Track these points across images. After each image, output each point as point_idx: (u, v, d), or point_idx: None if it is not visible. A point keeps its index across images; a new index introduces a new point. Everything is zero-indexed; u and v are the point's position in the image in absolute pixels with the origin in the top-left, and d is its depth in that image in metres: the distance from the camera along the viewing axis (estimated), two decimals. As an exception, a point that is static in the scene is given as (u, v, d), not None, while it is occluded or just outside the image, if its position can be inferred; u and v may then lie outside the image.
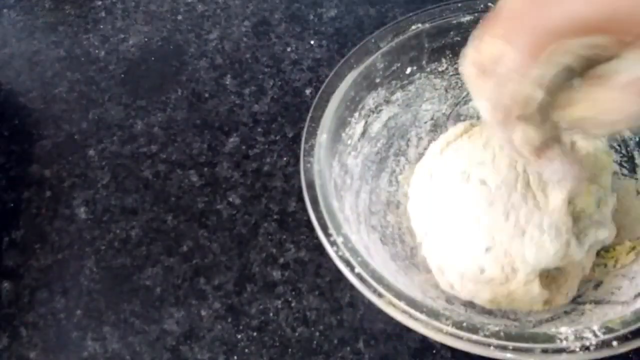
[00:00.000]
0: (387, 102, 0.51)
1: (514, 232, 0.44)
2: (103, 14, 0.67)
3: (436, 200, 0.48)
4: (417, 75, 0.51)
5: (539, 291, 0.43)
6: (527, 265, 0.43)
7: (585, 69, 0.27)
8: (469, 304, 0.45)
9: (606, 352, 0.35)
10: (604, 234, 0.45)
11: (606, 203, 0.47)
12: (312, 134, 0.45)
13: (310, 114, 0.46)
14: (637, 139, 0.50)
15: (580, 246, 0.44)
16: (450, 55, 0.51)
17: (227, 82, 0.61)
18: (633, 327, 0.35)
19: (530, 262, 0.43)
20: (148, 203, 0.54)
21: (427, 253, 0.47)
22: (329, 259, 0.40)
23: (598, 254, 0.46)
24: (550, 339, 0.35)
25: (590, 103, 0.27)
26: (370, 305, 0.45)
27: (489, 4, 0.49)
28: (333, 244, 0.40)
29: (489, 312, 0.44)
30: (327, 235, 0.40)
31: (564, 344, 0.35)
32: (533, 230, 0.43)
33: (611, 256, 0.46)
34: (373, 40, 0.49)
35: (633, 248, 0.46)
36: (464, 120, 0.53)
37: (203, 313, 0.48)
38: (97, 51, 0.64)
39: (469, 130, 0.52)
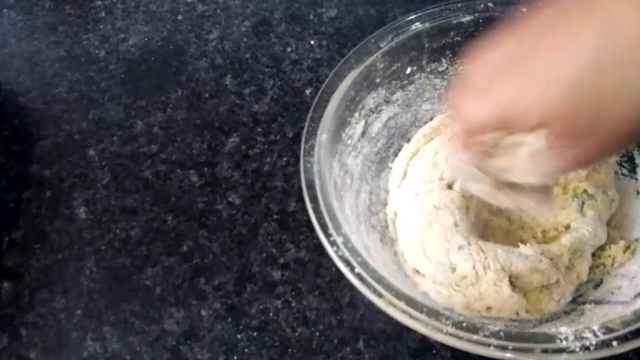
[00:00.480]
0: (387, 102, 0.51)
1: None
2: (103, 14, 0.67)
3: (411, 201, 0.48)
4: (417, 75, 0.51)
5: (509, 294, 0.43)
6: (497, 262, 0.43)
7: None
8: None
9: (606, 352, 0.35)
10: (592, 238, 0.46)
11: (593, 206, 0.46)
12: (312, 134, 0.45)
13: (310, 114, 0.46)
14: (637, 139, 0.50)
15: (557, 268, 0.44)
16: (450, 55, 0.51)
17: (227, 82, 0.61)
18: (633, 327, 0.35)
19: (501, 260, 0.43)
20: (148, 203, 0.54)
21: (403, 250, 0.47)
22: (329, 259, 0.40)
23: (594, 255, 0.46)
24: (550, 339, 0.35)
25: (506, 161, 0.35)
26: (370, 305, 0.45)
27: (489, 4, 0.50)
28: (333, 244, 0.40)
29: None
30: (327, 235, 0.40)
31: (564, 344, 0.35)
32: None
33: (607, 255, 0.46)
34: (373, 40, 0.49)
35: (628, 247, 0.46)
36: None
37: (203, 313, 0.48)
38: (97, 51, 0.64)
39: (447, 126, 0.52)
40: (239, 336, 0.47)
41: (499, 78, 0.32)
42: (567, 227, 0.47)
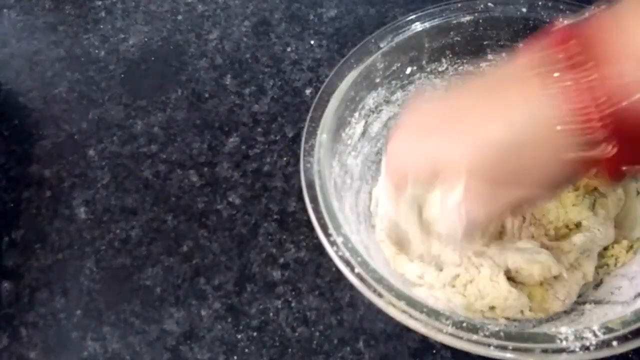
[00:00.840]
0: (387, 102, 0.51)
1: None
2: (103, 14, 0.67)
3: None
4: (417, 75, 0.51)
5: (508, 289, 0.42)
6: (488, 259, 0.43)
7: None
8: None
9: (606, 352, 0.35)
10: (602, 239, 0.45)
11: (604, 204, 0.46)
12: (312, 134, 0.45)
13: (310, 114, 0.46)
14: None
15: (560, 263, 0.44)
16: (450, 55, 0.51)
17: (227, 82, 0.61)
18: (633, 327, 0.35)
19: (495, 257, 0.43)
20: (148, 203, 0.54)
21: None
22: (329, 259, 0.40)
23: (598, 254, 0.46)
24: (550, 339, 0.35)
25: (436, 210, 0.38)
26: (370, 305, 0.45)
27: (489, 4, 0.50)
28: (333, 244, 0.40)
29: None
30: (327, 235, 0.40)
31: (564, 344, 0.35)
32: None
33: (611, 254, 0.46)
34: (373, 40, 0.49)
35: (631, 246, 0.46)
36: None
37: (203, 313, 0.48)
38: (97, 51, 0.64)
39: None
40: (239, 336, 0.47)
41: (436, 128, 0.36)
42: (578, 225, 0.46)
